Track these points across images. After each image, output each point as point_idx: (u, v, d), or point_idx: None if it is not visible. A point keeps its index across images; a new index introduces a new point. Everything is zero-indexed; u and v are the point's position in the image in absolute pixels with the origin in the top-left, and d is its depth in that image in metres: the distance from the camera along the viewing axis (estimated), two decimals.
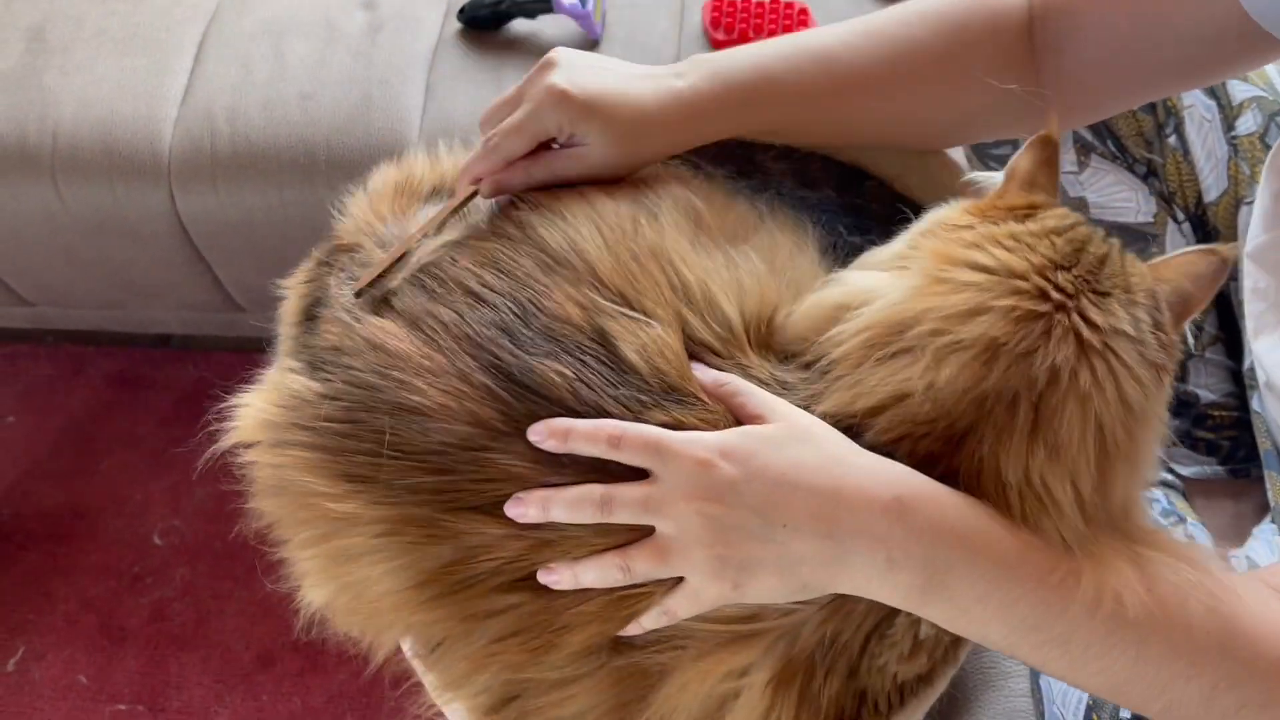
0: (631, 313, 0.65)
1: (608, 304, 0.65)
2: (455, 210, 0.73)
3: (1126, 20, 0.73)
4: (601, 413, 0.62)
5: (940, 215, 0.68)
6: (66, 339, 1.79)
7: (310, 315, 0.74)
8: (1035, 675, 0.88)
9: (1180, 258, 0.65)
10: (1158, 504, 0.90)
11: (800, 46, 0.75)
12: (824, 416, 0.62)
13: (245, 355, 0.77)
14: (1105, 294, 0.62)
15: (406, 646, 0.72)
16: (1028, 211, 0.65)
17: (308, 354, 0.71)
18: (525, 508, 0.61)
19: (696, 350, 0.65)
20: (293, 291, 0.78)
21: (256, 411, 0.70)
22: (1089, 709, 0.80)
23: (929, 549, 0.58)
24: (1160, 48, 0.73)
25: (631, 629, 0.63)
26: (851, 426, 0.62)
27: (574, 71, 0.72)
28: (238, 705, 1.45)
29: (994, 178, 0.69)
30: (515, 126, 0.72)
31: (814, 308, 0.67)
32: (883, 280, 0.66)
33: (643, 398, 0.63)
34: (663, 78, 0.74)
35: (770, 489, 0.58)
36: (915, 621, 0.65)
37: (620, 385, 0.63)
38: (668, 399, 0.63)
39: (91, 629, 1.52)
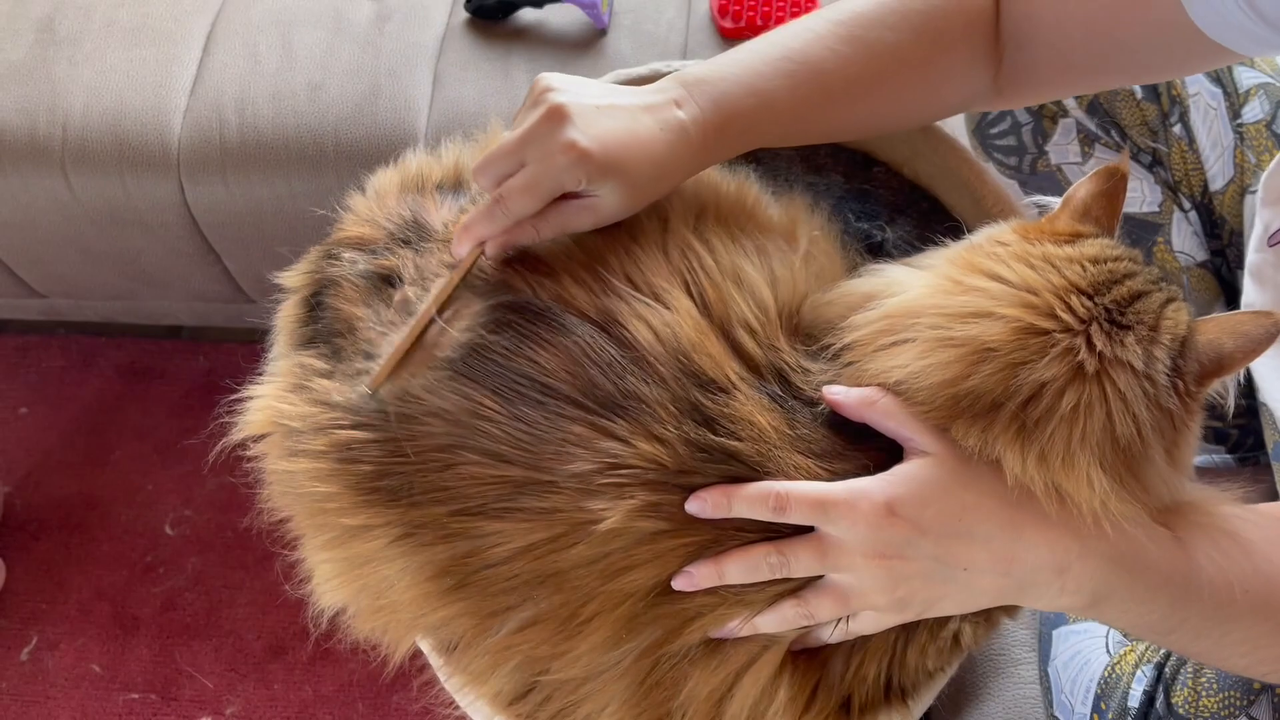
0: (640, 296, 0.66)
1: (622, 287, 0.66)
2: (461, 279, 0.69)
3: (1080, 29, 0.73)
4: (615, 389, 0.62)
5: (989, 231, 0.69)
6: (78, 330, 1.80)
7: (314, 306, 0.74)
8: (1043, 663, 0.88)
9: (1231, 315, 0.63)
10: None
11: (791, 58, 0.72)
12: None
13: (255, 346, 0.77)
14: (1124, 327, 0.61)
15: (428, 649, 0.72)
16: (1070, 238, 0.65)
17: (321, 341, 0.71)
18: (697, 577, 0.61)
19: (734, 329, 0.66)
20: (295, 283, 0.78)
21: (269, 406, 0.70)
22: (1097, 697, 0.81)
23: (1100, 579, 0.60)
24: (1111, 52, 0.73)
25: (812, 636, 0.65)
26: None
27: (585, 121, 0.66)
28: (249, 694, 1.46)
29: (1054, 202, 0.69)
30: (527, 186, 0.66)
31: (847, 294, 0.69)
32: (909, 276, 0.67)
33: (661, 370, 0.63)
34: (663, 108, 0.69)
35: (949, 540, 0.60)
36: (960, 626, 0.67)
37: (634, 363, 0.63)
38: (692, 383, 0.63)
39: (104, 618, 1.53)
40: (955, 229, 0.74)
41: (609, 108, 0.68)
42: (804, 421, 0.64)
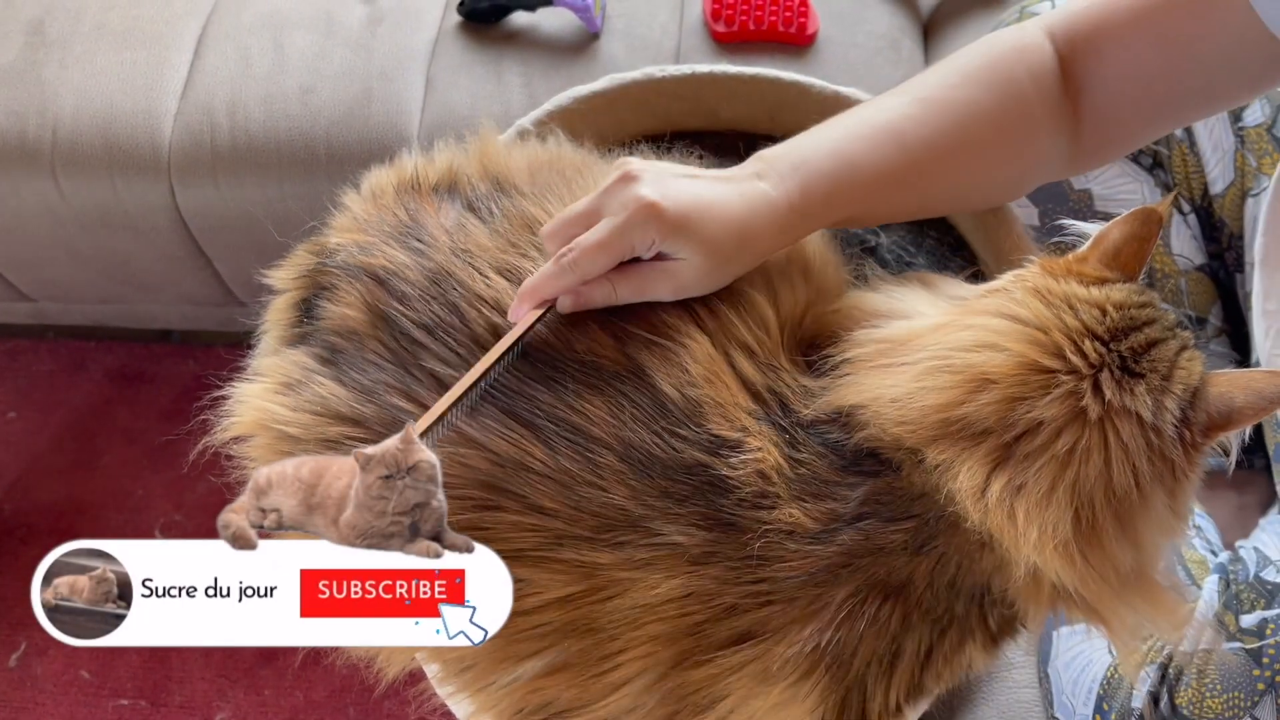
0: (660, 340, 0.65)
1: (638, 332, 0.65)
2: (521, 338, 0.65)
3: (1151, 52, 0.71)
4: (648, 453, 0.62)
5: (1017, 272, 0.67)
6: (67, 334, 1.79)
7: (307, 309, 0.74)
8: (1043, 664, 0.88)
9: (1245, 371, 0.62)
10: None
11: (867, 123, 0.71)
12: (823, 407, 0.64)
13: (246, 350, 0.76)
14: (1137, 375, 0.59)
15: (433, 672, 0.71)
16: (1096, 282, 0.64)
17: (316, 340, 0.70)
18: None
19: (733, 353, 0.66)
20: (285, 283, 0.77)
21: (258, 406, 0.69)
22: (1099, 698, 0.80)
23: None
24: (1187, 76, 0.72)
25: None
26: (836, 419, 0.64)
27: (658, 181, 0.65)
28: (240, 700, 1.45)
29: (1089, 229, 0.67)
30: (599, 243, 0.64)
31: (855, 309, 0.68)
32: (921, 303, 0.67)
33: (682, 433, 0.63)
34: (744, 181, 0.68)
35: None
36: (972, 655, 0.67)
37: (661, 418, 0.63)
38: (702, 436, 0.63)
39: None
40: (959, 245, 0.73)
41: (685, 175, 0.68)
42: (802, 443, 0.64)
